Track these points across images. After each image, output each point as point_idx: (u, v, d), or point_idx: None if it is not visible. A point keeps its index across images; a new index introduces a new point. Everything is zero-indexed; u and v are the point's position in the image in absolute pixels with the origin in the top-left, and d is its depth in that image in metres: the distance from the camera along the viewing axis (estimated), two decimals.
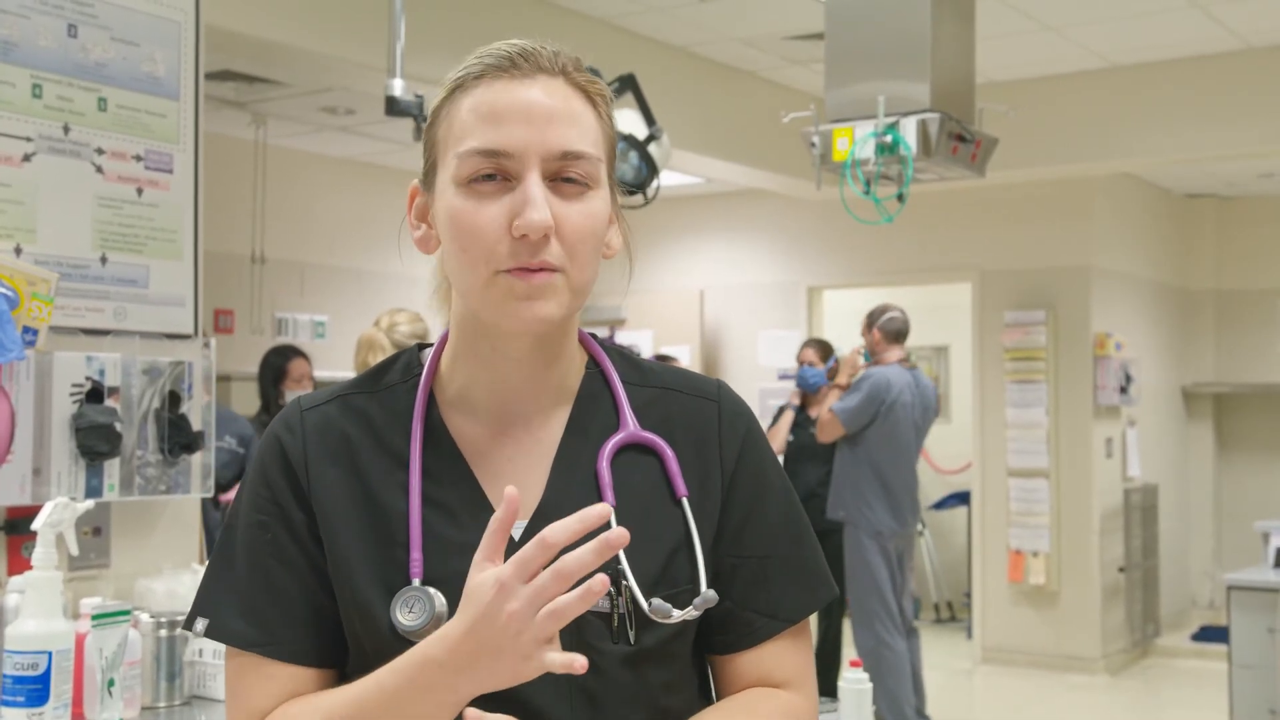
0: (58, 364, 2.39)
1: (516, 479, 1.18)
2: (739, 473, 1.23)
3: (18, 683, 1.88)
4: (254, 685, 1.16)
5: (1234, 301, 8.87)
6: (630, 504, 1.18)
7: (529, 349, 1.17)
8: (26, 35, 2.40)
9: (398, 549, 1.15)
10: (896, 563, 5.67)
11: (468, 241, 1.12)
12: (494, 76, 1.14)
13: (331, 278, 7.40)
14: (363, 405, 1.22)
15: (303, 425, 1.20)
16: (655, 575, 1.16)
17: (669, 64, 5.97)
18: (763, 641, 1.22)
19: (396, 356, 1.26)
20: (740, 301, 8.60)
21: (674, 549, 1.18)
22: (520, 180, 1.11)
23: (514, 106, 1.12)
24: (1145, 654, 8.05)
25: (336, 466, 1.18)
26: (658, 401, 1.25)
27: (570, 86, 1.15)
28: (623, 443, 1.21)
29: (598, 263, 1.17)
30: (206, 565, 1.22)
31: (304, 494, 1.18)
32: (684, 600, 1.16)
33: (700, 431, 1.24)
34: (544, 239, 1.10)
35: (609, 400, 1.24)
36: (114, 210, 2.52)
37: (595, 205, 1.14)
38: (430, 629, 1.11)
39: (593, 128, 1.16)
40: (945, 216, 7.70)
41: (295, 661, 1.16)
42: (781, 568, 1.23)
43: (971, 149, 3.63)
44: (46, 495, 2.31)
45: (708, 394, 1.27)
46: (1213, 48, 6.01)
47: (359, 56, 4.57)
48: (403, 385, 1.23)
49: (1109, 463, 7.70)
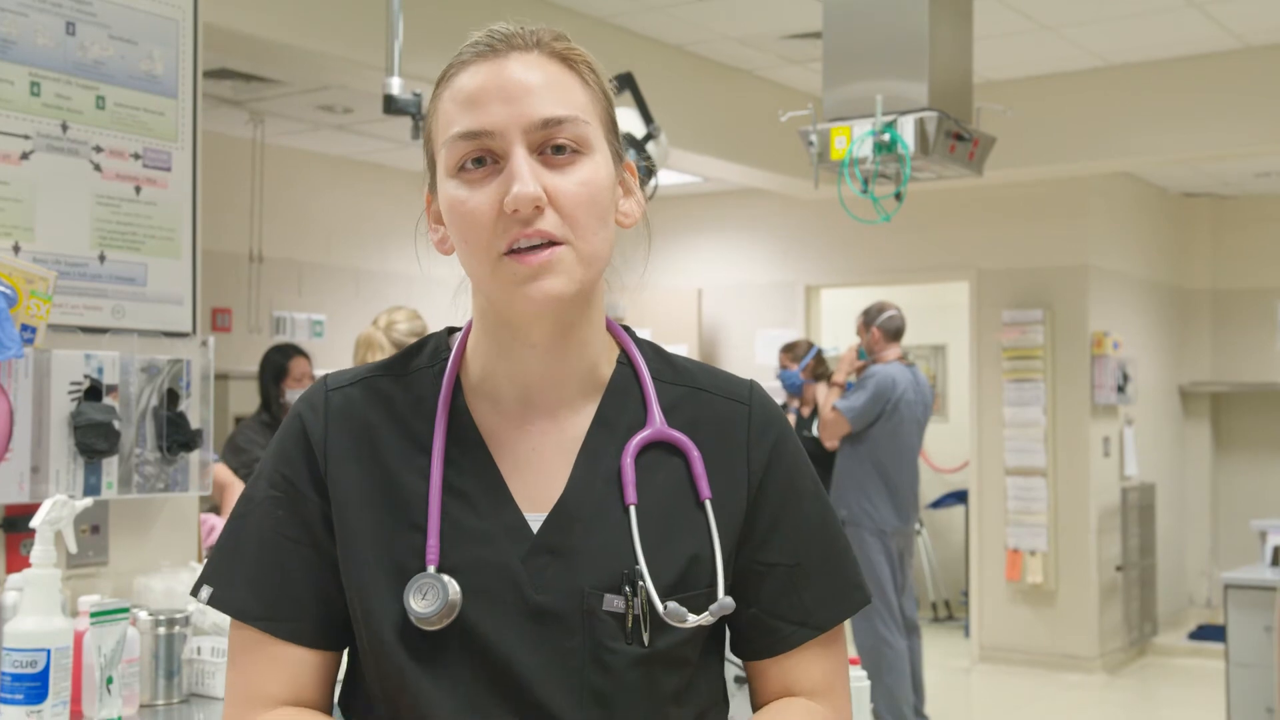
0: (56, 362, 2.39)
1: (539, 470, 1.17)
2: (768, 478, 1.21)
3: (16, 680, 1.88)
4: (252, 662, 1.16)
5: (1231, 301, 8.88)
6: (652, 503, 1.16)
7: (548, 334, 1.15)
8: (25, 33, 2.40)
9: (415, 534, 1.14)
10: (898, 561, 5.67)
11: (466, 230, 1.11)
12: (471, 63, 1.14)
13: (329, 276, 7.40)
14: (388, 388, 1.20)
15: (326, 405, 1.20)
16: (673, 578, 1.14)
17: (667, 63, 5.97)
18: (793, 649, 1.20)
19: (425, 340, 1.24)
20: (738, 300, 8.61)
21: (694, 552, 1.16)
22: (508, 159, 1.10)
23: (489, 86, 1.11)
24: (1142, 653, 8.06)
25: (357, 449, 1.17)
26: (687, 400, 1.22)
27: (547, 56, 1.14)
28: (648, 440, 1.18)
29: (607, 231, 1.14)
30: (220, 531, 1.22)
31: (320, 477, 1.17)
32: (700, 605, 1.14)
33: (729, 434, 1.21)
34: (537, 211, 1.09)
35: (638, 395, 1.21)
36: (112, 208, 2.52)
37: (589, 171, 1.12)
38: (443, 617, 1.10)
39: (575, 91, 1.13)
40: (943, 215, 7.70)
41: (294, 640, 1.16)
42: (812, 574, 1.21)
43: (969, 148, 3.63)
44: (45, 493, 2.32)
45: (739, 396, 1.24)
46: (1209, 47, 6.02)
47: (357, 55, 4.57)
48: (429, 370, 1.21)
49: (1106, 462, 7.71)
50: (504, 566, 1.13)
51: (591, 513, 1.14)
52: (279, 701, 1.16)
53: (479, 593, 1.12)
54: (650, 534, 1.14)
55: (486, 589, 1.12)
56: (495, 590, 1.12)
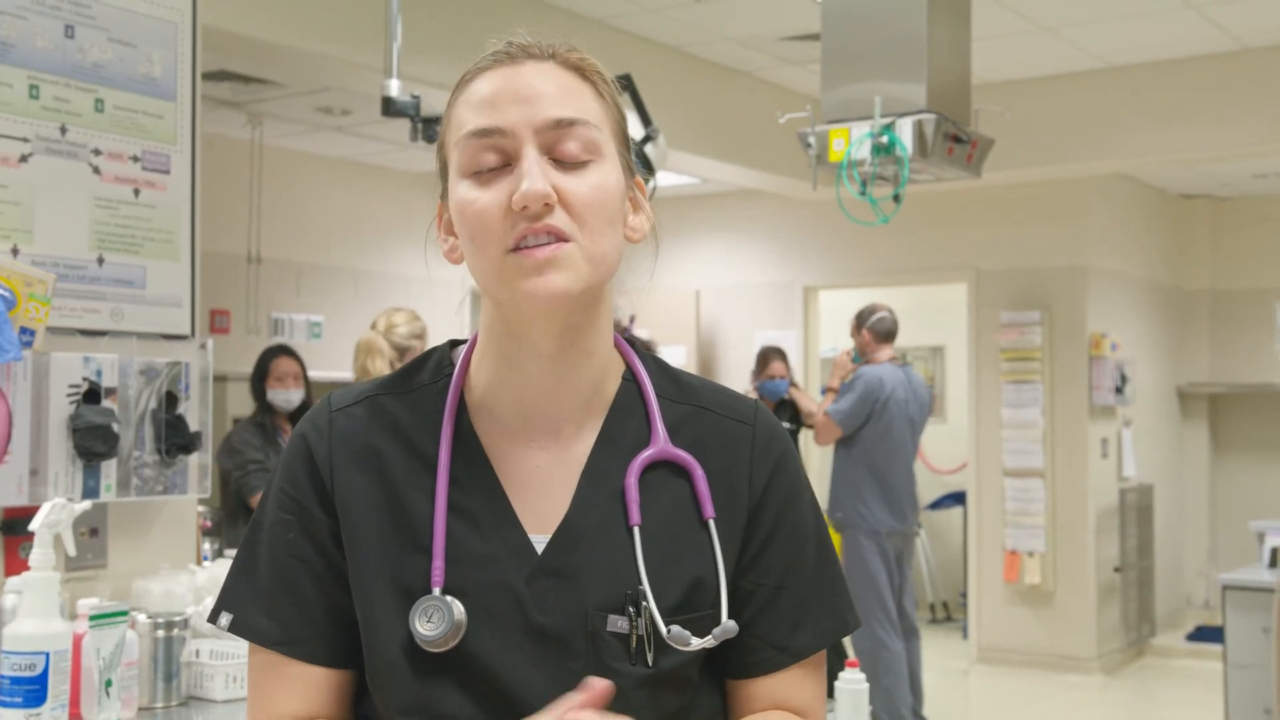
0: (55, 365, 2.39)
1: (543, 490, 1.16)
2: (766, 499, 1.20)
3: (15, 683, 1.88)
4: (273, 686, 1.16)
5: (1229, 302, 8.88)
6: (656, 523, 1.15)
7: (554, 341, 1.14)
8: (24, 36, 2.40)
9: (420, 555, 1.13)
10: (895, 563, 5.68)
11: (475, 228, 1.11)
12: (486, 70, 1.15)
13: (328, 278, 7.40)
14: (392, 406, 1.20)
15: (330, 427, 1.19)
16: (677, 599, 1.14)
17: (665, 64, 5.97)
18: (771, 673, 1.20)
19: (428, 355, 1.24)
20: (736, 302, 8.61)
21: (698, 573, 1.15)
22: (519, 159, 1.10)
23: (504, 89, 1.12)
24: (1140, 654, 8.06)
25: (362, 470, 1.17)
26: (692, 419, 1.21)
27: (561, 66, 1.15)
28: (653, 458, 1.18)
29: (615, 236, 1.14)
30: (234, 558, 1.22)
31: (328, 496, 1.17)
32: (704, 627, 1.14)
33: (732, 454, 1.21)
34: (546, 208, 1.09)
35: (642, 413, 1.20)
36: (111, 211, 2.52)
37: (599, 176, 1.12)
38: (448, 639, 1.10)
39: (589, 100, 1.15)
40: (941, 217, 7.70)
41: (312, 661, 1.16)
42: (797, 600, 1.20)
43: (967, 149, 3.63)
44: (44, 496, 2.31)
45: (743, 417, 1.23)
46: (1207, 48, 6.02)
47: (355, 57, 4.57)
48: (433, 386, 1.21)
49: (1104, 463, 7.71)
50: (508, 588, 1.12)
51: (595, 533, 1.14)
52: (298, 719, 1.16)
53: (483, 614, 1.11)
54: (654, 555, 1.14)
55: (490, 610, 1.12)
56: (499, 612, 1.12)
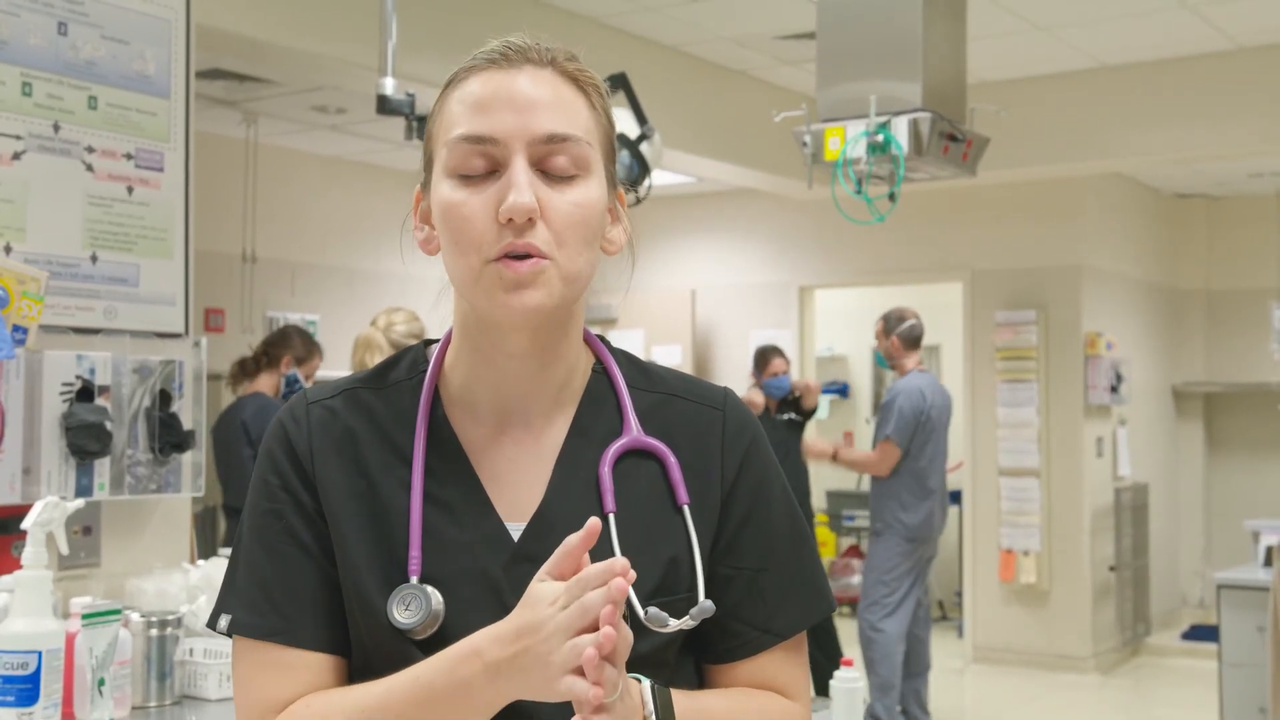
0: (48, 363, 2.38)
1: (517, 480, 1.18)
2: (739, 483, 1.22)
3: (7, 682, 1.87)
4: (268, 676, 1.15)
5: (1224, 301, 8.89)
6: (631, 510, 1.17)
7: (527, 344, 1.16)
8: (16, 33, 2.39)
9: (398, 546, 1.15)
10: (924, 565, 5.72)
11: (458, 232, 1.12)
12: (483, 69, 1.15)
13: (322, 277, 7.39)
14: (368, 400, 1.21)
15: (308, 418, 1.20)
16: (653, 583, 1.15)
17: (661, 63, 5.97)
18: (753, 655, 1.21)
19: (403, 353, 1.25)
20: (732, 301, 8.61)
21: (673, 557, 1.17)
22: (507, 168, 1.11)
23: (499, 94, 1.12)
24: (1136, 653, 8.07)
25: (340, 460, 1.18)
26: (662, 407, 1.23)
27: (558, 75, 1.15)
28: (625, 447, 1.20)
29: (592, 254, 1.15)
30: (228, 562, 1.22)
31: (310, 480, 1.18)
32: (680, 609, 1.15)
33: (703, 439, 1.22)
34: (530, 223, 1.10)
35: (613, 404, 1.22)
36: (104, 209, 2.52)
37: (585, 193, 1.13)
38: (427, 627, 1.11)
39: (582, 114, 1.15)
40: (936, 216, 7.71)
41: (313, 648, 1.16)
42: (776, 581, 1.22)
43: (962, 148, 3.64)
44: (36, 494, 2.31)
45: (713, 402, 1.25)
46: (1202, 48, 6.03)
47: (350, 55, 4.57)
48: (408, 382, 1.22)
49: (1099, 462, 7.72)
50: (485, 575, 1.14)
51: (570, 521, 1.14)
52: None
53: (461, 602, 1.13)
54: (629, 540, 1.15)
55: (468, 598, 1.13)
56: (477, 599, 1.13)
